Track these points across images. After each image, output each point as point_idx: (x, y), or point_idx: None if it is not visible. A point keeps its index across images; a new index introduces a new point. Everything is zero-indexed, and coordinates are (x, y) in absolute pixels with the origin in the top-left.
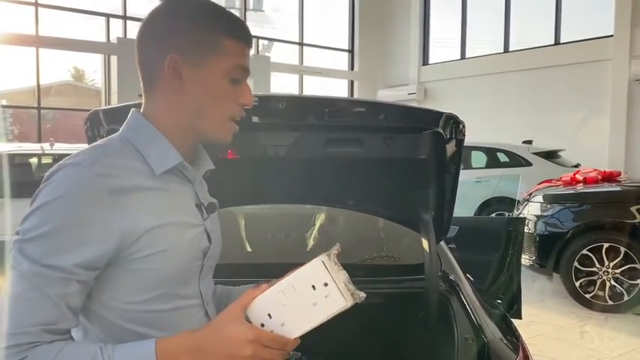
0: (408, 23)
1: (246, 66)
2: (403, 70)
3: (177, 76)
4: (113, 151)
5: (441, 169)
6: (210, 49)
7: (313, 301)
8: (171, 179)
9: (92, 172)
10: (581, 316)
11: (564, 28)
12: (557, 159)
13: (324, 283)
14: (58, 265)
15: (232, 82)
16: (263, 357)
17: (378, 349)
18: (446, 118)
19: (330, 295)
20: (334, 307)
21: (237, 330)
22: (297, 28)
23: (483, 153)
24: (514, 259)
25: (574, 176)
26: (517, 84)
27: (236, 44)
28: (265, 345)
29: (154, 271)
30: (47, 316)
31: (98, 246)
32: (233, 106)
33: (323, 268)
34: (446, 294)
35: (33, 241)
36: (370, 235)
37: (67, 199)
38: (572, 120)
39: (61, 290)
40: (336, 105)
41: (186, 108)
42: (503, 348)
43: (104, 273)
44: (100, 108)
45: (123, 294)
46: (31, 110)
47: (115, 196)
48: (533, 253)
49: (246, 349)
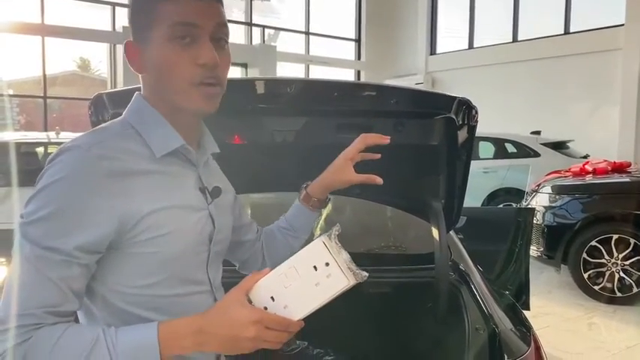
0: (416, 12)
1: (190, 20)
2: (410, 59)
3: (135, 60)
4: (114, 134)
5: (452, 156)
6: (148, 21)
7: (315, 281)
8: (174, 162)
9: (92, 155)
10: (589, 308)
11: (574, 17)
12: (566, 150)
13: (326, 263)
14: (59, 247)
15: (181, 44)
16: (266, 339)
17: (388, 339)
18: (458, 102)
19: (332, 275)
20: (337, 287)
21: (240, 312)
22: (304, 17)
23: (491, 143)
24: (522, 250)
25: (583, 167)
26: (526, 74)
27: (171, 4)
28: (268, 327)
29: (157, 254)
30: (50, 298)
31: (98, 229)
32: (192, 70)
33: (324, 248)
34: (456, 284)
35: (34, 224)
36: (379, 224)
37: (67, 182)
38: (581, 110)
39: (63, 273)
40: (345, 89)
41: (155, 87)
42: (514, 339)
43: (108, 256)
44: (104, 92)
45: (126, 278)
46: (37, 100)
47: (115, 178)
48: (541, 245)
49: (249, 331)
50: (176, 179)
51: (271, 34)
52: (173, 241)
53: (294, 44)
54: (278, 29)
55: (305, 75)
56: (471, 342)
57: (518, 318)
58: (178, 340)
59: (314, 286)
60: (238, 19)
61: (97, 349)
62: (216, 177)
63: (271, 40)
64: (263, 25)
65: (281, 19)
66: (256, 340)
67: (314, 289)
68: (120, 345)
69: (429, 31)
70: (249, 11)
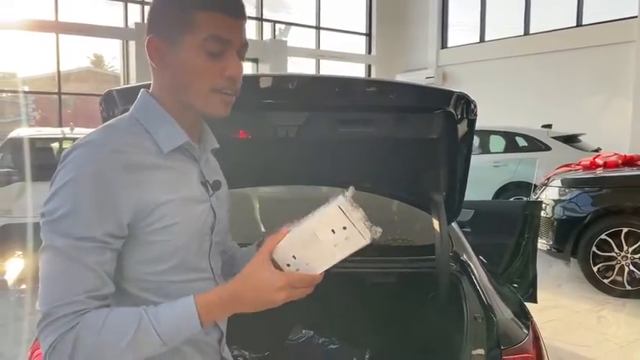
0: (427, 6)
1: (224, 36)
2: (421, 53)
3: (158, 57)
4: (123, 130)
5: (452, 150)
6: (182, 26)
7: (334, 243)
8: (178, 157)
9: (106, 150)
10: (599, 301)
11: (586, 10)
12: (578, 143)
13: (343, 227)
14: (91, 236)
15: (210, 55)
16: (294, 296)
17: (390, 328)
18: (457, 97)
19: (350, 237)
20: (355, 246)
21: (268, 277)
22: (314, 11)
23: (502, 137)
24: (530, 243)
25: (594, 160)
26: (537, 67)
27: (209, 16)
28: (295, 286)
29: (167, 242)
30: (91, 283)
31: (119, 217)
32: (216, 80)
33: (340, 213)
34: (457, 274)
35: (62, 219)
36: (383, 215)
37: (85, 177)
38: (593, 104)
39: (98, 258)
40: (345, 84)
41: (172, 85)
42: (512, 327)
43: (128, 244)
44: (114, 88)
45: (140, 265)
46: (52, 96)
47: (129, 171)
48: (550, 238)
49: (279, 295)
50: (182, 173)
51: (282, 29)
52: (182, 231)
53: (304, 39)
54: (289, 24)
55: (316, 70)
56: (469, 330)
57: (518, 308)
58: (214, 309)
59: (333, 246)
60: (249, 14)
61: (143, 325)
62: (215, 171)
63: (282, 35)
64: (274, 20)
65: (292, 13)
66: (286, 299)
67: (333, 249)
68: (163, 320)
69: (440, 25)
70: (260, 6)
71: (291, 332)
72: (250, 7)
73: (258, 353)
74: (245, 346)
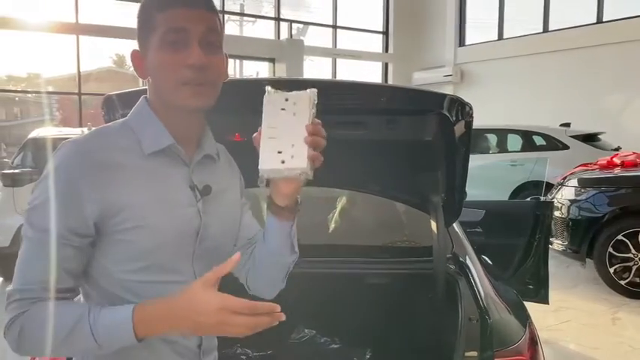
0: (444, 3)
1: (179, 26)
2: (439, 51)
3: (139, 66)
4: (111, 131)
5: (449, 152)
6: (147, 31)
7: (292, 112)
8: (163, 160)
9: (82, 149)
10: (615, 303)
11: (607, 6)
12: (597, 142)
13: (285, 99)
14: (52, 229)
15: (170, 49)
16: (233, 323)
17: (389, 328)
18: (450, 100)
19: (297, 101)
20: (309, 101)
21: (204, 298)
22: (331, 10)
23: (519, 136)
24: (541, 243)
25: (611, 160)
26: (557, 65)
27: (165, 13)
28: (234, 311)
29: (137, 243)
30: (45, 275)
31: (82, 215)
32: (181, 70)
33: (271, 95)
34: (454, 275)
35: (34, 210)
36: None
37: (57, 172)
38: (614, 102)
39: (57, 253)
40: (339, 88)
41: (153, 87)
42: (508, 329)
43: (98, 241)
44: (114, 93)
45: (112, 262)
46: (72, 96)
47: (99, 170)
48: (566, 238)
49: (212, 317)
50: (162, 175)
51: (300, 28)
52: (152, 233)
53: (321, 38)
54: (305, 23)
55: (332, 68)
56: (462, 331)
57: (516, 310)
58: (151, 321)
59: (293, 115)
60: (266, 14)
61: (80, 324)
62: (217, 176)
63: (300, 35)
64: (290, 19)
65: (312, 12)
66: (224, 324)
67: (293, 117)
68: (100, 322)
69: (458, 23)
70: (277, 6)
71: (294, 331)
72: (268, 6)
73: (261, 352)
74: (248, 345)
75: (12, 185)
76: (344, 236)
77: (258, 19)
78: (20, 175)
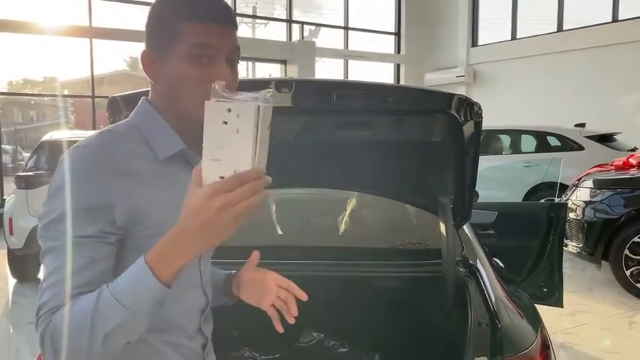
0: (457, 3)
1: (209, 42)
2: (451, 52)
3: (151, 69)
4: (120, 135)
5: (458, 153)
6: (169, 37)
7: (235, 128)
8: (174, 164)
9: (99, 154)
10: (631, 306)
11: (623, 4)
12: (613, 142)
13: (228, 110)
14: (85, 234)
15: (197, 63)
16: (233, 200)
17: (397, 332)
18: (458, 100)
19: (241, 113)
20: (250, 117)
21: (195, 197)
22: (342, 12)
23: (533, 137)
24: (555, 245)
25: (627, 160)
26: (571, 65)
27: (193, 25)
28: (227, 190)
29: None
30: (83, 280)
31: (110, 218)
32: (208, 87)
33: (213, 105)
34: (464, 279)
35: (59, 221)
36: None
37: (77, 180)
38: (630, 101)
39: (94, 254)
40: (346, 88)
41: (167, 96)
42: (519, 334)
43: (119, 249)
44: (118, 94)
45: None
46: (86, 99)
47: (122, 177)
48: (581, 241)
49: (212, 205)
50: (176, 180)
51: (312, 30)
52: None
53: (332, 39)
54: (317, 25)
55: (344, 69)
56: (472, 336)
57: (528, 314)
58: (165, 254)
59: (236, 133)
60: (279, 16)
61: (102, 297)
62: None
63: (312, 36)
64: (302, 21)
65: (323, 14)
66: (225, 208)
67: (237, 135)
68: (119, 286)
69: (471, 23)
70: (289, 8)
71: (302, 335)
72: (280, 9)
73: (269, 355)
74: (256, 348)
75: (26, 187)
76: (353, 238)
77: (270, 21)
78: (34, 177)
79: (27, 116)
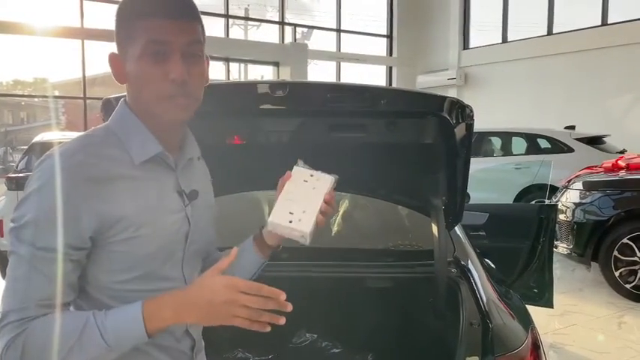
0: (448, 6)
1: (160, 39)
2: (443, 54)
3: (117, 70)
4: (97, 140)
5: (450, 155)
6: (127, 38)
7: (312, 186)
8: (152, 167)
9: (73, 162)
10: (621, 307)
11: (612, 8)
12: (602, 145)
13: (310, 175)
14: (51, 246)
15: (152, 60)
16: (240, 302)
17: (390, 332)
18: (450, 103)
19: (320, 178)
20: (327, 184)
21: (212, 279)
22: (335, 14)
23: (523, 139)
24: (545, 246)
25: (616, 162)
26: (561, 68)
27: (146, 22)
28: (241, 291)
29: (132, 253)
30: (45, 292)
31: (78, 229)
32: (163, 84)
33: (301, 170)
34: (456, 279)
35: (26, 227)
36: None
37: (50, 187)
38: (619, 104)
39: (57, 269)
40: (338, 91)
41: (131, 96)
42: (510, 334)
43: (93, 254)
44: (113, 96)
45: (106, 274)
46: (78, 100)
47: (93, 184)
48: (571, 242)
49: (222, 294)
50: (154, 183)
51: (304, 32)
52: (147, 242)
53: (325, 42)
54: (309, 27)
55: (336, 72)
56: (464, 336)
57: (519, 315)
58: (159, 313)
59: (312, 190)
60: (271, 19)
61: (88, 328)
62: (197, 179)
63: (304, 39)
64: (294, 23)
65: (315, 17)
66: (231, 303)
67: (313, 191)
68: (109, 323)
69: (462, 26)
70: (282, 10)
71: (295, 335)
72: (273, 11)
73: (262, 356)
74: (249, 349)
75: (17, 189)
76: (346, 239)
77: (262, 24)
78: (24, 179)
79: (17, 118)
